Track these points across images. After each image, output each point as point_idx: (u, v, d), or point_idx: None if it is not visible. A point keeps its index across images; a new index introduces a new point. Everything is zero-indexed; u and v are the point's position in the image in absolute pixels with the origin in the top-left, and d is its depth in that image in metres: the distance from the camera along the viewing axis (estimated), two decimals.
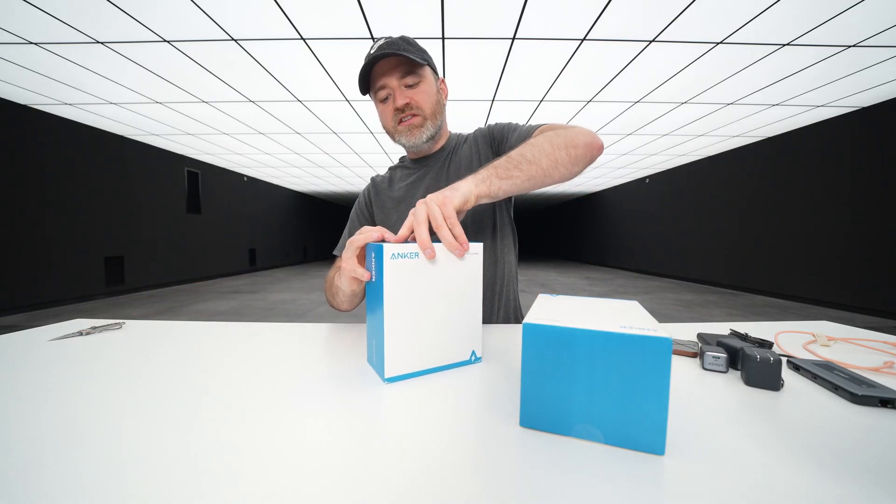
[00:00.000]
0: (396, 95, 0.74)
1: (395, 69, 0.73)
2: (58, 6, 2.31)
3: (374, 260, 0.47)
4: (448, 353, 0.50)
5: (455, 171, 0.82)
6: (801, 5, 2.29)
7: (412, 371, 0.47)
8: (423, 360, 0.48)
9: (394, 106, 0.75)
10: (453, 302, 0.49)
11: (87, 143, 4.84)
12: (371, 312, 0.48)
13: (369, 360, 0.51)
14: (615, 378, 0.31)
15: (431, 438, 0.33)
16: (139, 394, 0.43)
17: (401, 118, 0.76)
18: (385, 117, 0.79)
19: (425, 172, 0.86)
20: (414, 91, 0.75)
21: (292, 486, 0.27)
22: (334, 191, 10.71)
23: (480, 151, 0.83)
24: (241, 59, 2.99)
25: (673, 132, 4.99)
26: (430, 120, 0.78)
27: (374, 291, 0.47)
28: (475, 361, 0.52)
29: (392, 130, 0.79)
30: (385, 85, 0.74)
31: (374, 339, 0.48)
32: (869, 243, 4.06)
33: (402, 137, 0.79)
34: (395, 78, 0.74)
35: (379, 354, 0.46)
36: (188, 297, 5.35)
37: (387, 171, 0.94)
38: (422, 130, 0.78)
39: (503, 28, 2.60)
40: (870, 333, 0.65)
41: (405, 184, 0.87)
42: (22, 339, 0.65)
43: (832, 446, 0.32)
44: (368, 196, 0.91)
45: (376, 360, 0.47)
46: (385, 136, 5.26)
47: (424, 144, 0.81)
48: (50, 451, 0.31)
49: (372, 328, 0.48)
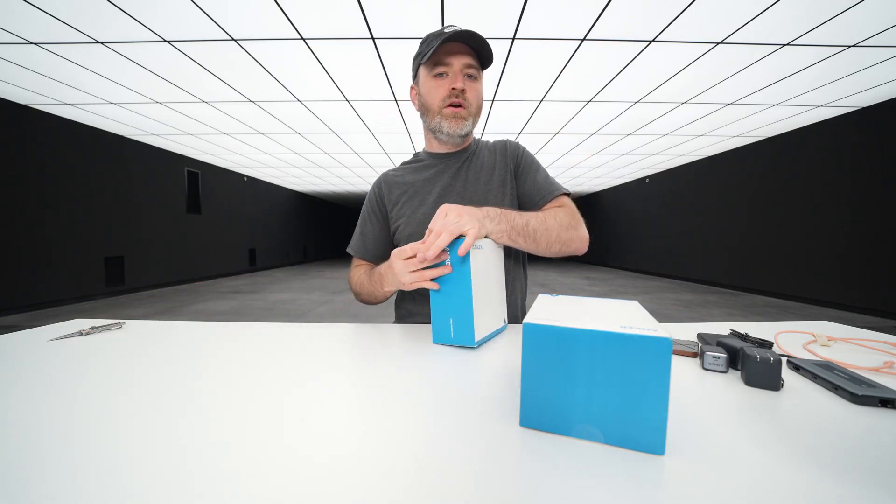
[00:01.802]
0: (458, 77, 0.74)
1: (465, 55, 0.74)
2: (58, 6, 2.31)
3: (450, 252, 0.58)
4: (497, 320, 0.65)
5: (475, 174, 0.84)
6: (801, 5, 2.29)
7: (485, 335, 0.60)
8: (488, 326, 0.61)
9: (451, 84, 0.75)
10: (491, 280, 0.64)
11: (87, 143, 4.84)
12: (447, 296, 0.58)
13: (438, 340, 0.60)
14: (615, 378, 0.31)
15: (431, 438, 0.33)
16: (139, 394, 0.43)
17: (450, 102, 0.76)
18: (435, 94, 0.77)
19: (443, 169, 0.86)
20: (472, 84, 0.76)
21: (293, 486, 0.27)
22: (334, 191, 10.71)
23: (504, 167, 0.85)
24: (241, 59, 2.99)
25: (673, 132, 4.99)
26: (473, 118, 0.79)
27: (452, 278, 0.58)
28: (504, 327, 0.68)
29: (436, 110, 0.78)
30: (449, 63, 0.74)
31: (452, 315, 0.58)
32: (869, 243, 4.06)
33: (445, 122, 0.78)
34: (460, 63, 0.75)
35: (466, 326, 0.57)
36: (188, 297, 5.35)
37: (399, 166, 0.93)
38: (465, 123, 0.78)
39: (503, 28, 2.60)
40: (870, 333, 0.65)
41: (421, 177, 0.87)
42: (22, 339, 0.65)
43: (832, 446, 0.32)
44: (380, 192, 0.89)
45: (457, 332, 0.58)
46: (385, 137, 5.26)
47: (459, 138, 0.81)
48: (50, 450, 0.31)
49: (449, 308, 0.58)
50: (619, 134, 5.08)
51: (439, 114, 0.78)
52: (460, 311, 0.57)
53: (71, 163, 4.65)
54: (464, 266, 0.57)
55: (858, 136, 4.15)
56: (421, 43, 0.79)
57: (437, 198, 0.83)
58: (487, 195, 0.82)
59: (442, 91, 0.76)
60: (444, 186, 0.84)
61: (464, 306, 0.56)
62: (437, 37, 0.73)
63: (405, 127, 4.84)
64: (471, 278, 0.56)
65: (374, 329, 0.71)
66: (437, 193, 0.84)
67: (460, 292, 0.57)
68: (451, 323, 0.58)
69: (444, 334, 0.59)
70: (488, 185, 0.83)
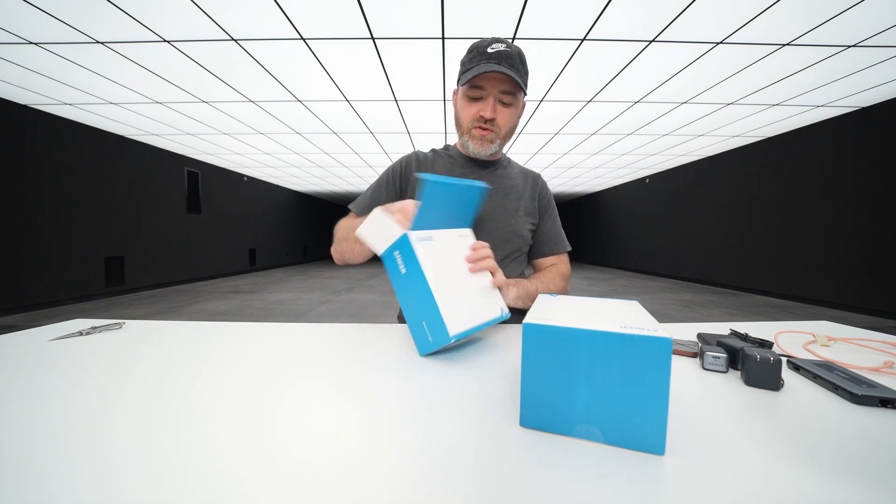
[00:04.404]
0: (490, 105, 0.75)
1: (502, 82, 0.74)
2: (58, 6, 2.31)
3: (399, 253, 0.56)
4: (488, 310, 0.61)
5: (503, 192, 0.87)
6: (801, 5, 2.29)
7: (470, 327, 0.55)
8: (472, 317, 0.57)
9: (481, 112, 0.76)
10: (460, 270, 0.61)
11: (87, 143, 4.84)
12: (411, 300, 0.56)
13: (423, 351, 0.56)
14: (615, 378, 0.31)
15: (431, 438, 0.33)
16: (139, 393, 0.43)
17: (479, 125, 0.78)
18: (465, 115, 0.79)
19: (472, 172, 0.87)
20: (504, 110, 0.77)
21: (292, 486, 0.27)
22: (334, 191, 10.71)
23: (532, 200, 0.90)
24: (241, 59, 2.99)
25: (673, 132, 4.99)
26: (501, 140, 0.81)
27: (408, 280, 0.55)
28: (505, 316, 0.64)
29: (465, 130, 0.81)
30: (485, 88, 0.75)
31: (423, 318, 0.54)
32: (869, 243, 4.06)
33: (471, 142, 0.81)
34: (497, 90, 0.75)
35: (436, 322, 0.53)
36: (188, 297, 5.35)
37: (430, 151, 0.93)
38: (491, 146, 0.81)
39: (503, 28, 2.60)
40: (870, 333, 0.65)
41: (450, 172, 0.87)
42: (22, 339, 0.65)
43: (832, 446, 0.32)
44: (408, 167, 0.88)
45: (433, 333, 0.54)
46: (385, 137, 5.26)
47: (486, 155, 0.84)
48: (50, 450, 0.31)
49: (418, 311, 0.55)
50: (619, 134, 5.08)
51: (467, 133, 0.81)
52: (427, 310, 0.53)
53: (71, 163, 4.65)
54: (412, 262, 0.54)
55: (858, 136, 4.15)
56: (467, 53, 0.78)
57: None
58: (513, 216, 0.86)
59: (473, 113, 0.78)
60: None
61: (428, 303, 0.53)
62: (480, 55, 0.73)
63: (405, 127, 4.84)
64: (423, 272, 0.53)
65: (374, 329, 0.71)
66: None
67: (420, 289, 0.54)
68: (425, 327, 0.54)
69: (424, 342, 0.55)
70: (515, 205, 0.87)
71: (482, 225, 0.83)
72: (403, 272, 0.55)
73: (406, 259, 0.55)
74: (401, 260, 0.55)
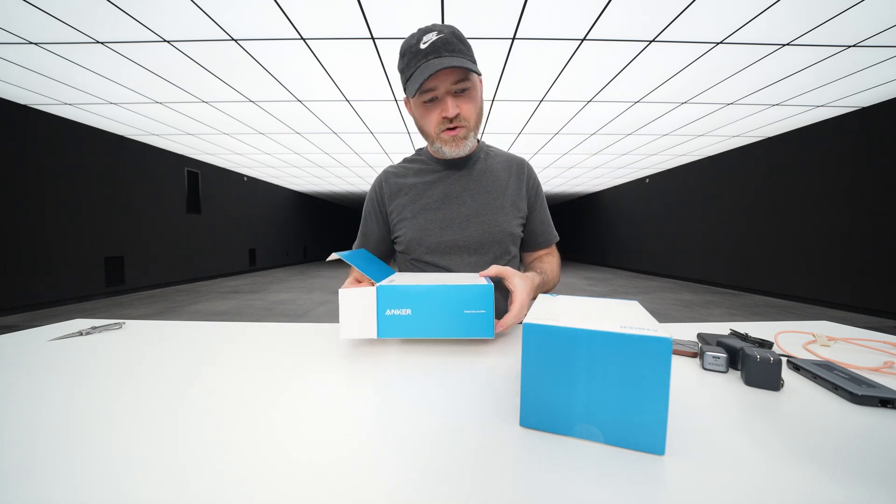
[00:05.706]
0: (448, 105, 0.71)
1: (450, 75, 0.69)
2: (58, 6, 2.31)
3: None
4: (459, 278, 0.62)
5: (484, 186, 0.83)
6: (801, 5, 2.29)
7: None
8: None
9: (442, 114, 0.72)
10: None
11: (87, 143, 4.84)
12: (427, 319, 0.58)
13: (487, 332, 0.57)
14: (615, 378, 0.31)
15: (431, 438, 0.33)
16: (139, 394, 0.43)
17: (446, 127, 0.74)
18: (428, 122, 0.75)
19: (446, 175, 0.84)
20: (462, 99, 0.73)
21: (292, 486, 0.27)
22: (334, 191, 10.71)
23: (518, 190, 0.85)
24: (241, 59, 2.99)
25: (673, 132, 4.99)
26: (473, 131, 0.77)
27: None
28: (487, 285, 0.58)
29: (434, 137, 0.76)
30: (436, 87, 0.70)
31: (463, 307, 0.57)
32: (869, 243, 4.06)
33: (445, 147, 0.76)
34: (447, 83, 0.70)
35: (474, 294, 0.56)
36: (188, 297, 5.35)
37: (401, 164, 0.90)
38: (466, 142, 0.76)
39: (503, 28, 2.60)
40: (870, 333, 0.65)
41: (423, 181, 0.85)
42: (22, 339, 0.65)
43: (832, 446, 0.32)
44: (380, 190, 0.87)
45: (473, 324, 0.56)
46: (385, 137, 5.26)
47: (464, 154, 0.79)
48: (50, 450, 0.31)
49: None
50: (619, 134, 5.08)
51: (438, 139, 0.76)
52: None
53: (71, 163, 4.65)
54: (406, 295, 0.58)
55: (858, 136, 4.15)
56: (400, 58, 0.73)
57: (438, 203, 0.82)
58: (498, 213, 0.81)
59: (435, 118, 0.73)
60: (447, 192, 0.82)
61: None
62: (415, 56, 0.69)
63: (405, 127, 4.84)
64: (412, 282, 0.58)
65: None
66: (439, 199, 0.82)
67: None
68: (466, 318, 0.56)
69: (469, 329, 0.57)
70: (500, 201, 0.83)
71: (466, 228, 0.80)
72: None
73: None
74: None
